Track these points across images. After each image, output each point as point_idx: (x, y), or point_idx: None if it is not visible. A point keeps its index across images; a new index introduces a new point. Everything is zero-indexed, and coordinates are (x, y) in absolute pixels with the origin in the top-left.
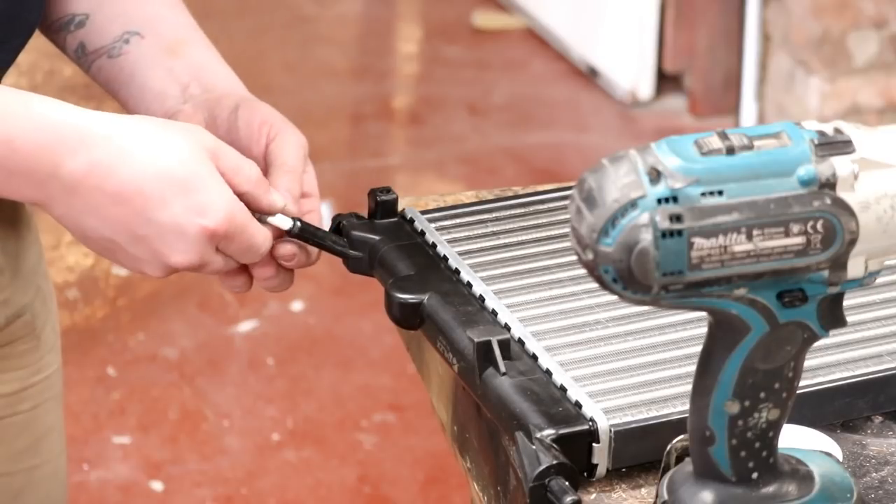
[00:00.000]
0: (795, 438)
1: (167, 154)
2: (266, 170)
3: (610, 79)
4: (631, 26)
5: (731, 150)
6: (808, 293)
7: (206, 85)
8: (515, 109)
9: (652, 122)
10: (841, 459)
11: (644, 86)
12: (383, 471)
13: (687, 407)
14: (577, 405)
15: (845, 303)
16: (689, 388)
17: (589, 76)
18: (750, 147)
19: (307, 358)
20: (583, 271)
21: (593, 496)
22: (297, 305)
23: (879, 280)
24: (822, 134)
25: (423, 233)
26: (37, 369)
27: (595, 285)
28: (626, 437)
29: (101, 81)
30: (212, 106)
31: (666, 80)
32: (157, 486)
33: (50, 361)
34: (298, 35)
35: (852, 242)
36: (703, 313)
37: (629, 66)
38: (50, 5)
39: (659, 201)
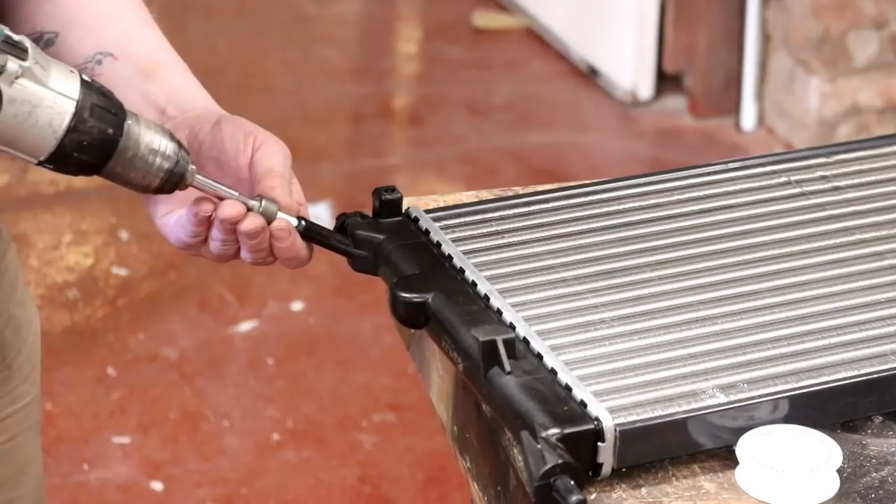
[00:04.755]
0: (796, 438)
1: None
2: (252, 178)
3: (610, 79)
4: (631, 26)
5: None
6: None
7: (183, 106)
8: (515, 109)
9: (652, 122)
10: (841, 459)
11: (644, 86)
12: (383, 471)
13: (692, 406)
14: (583, 404)
15: (848, 302)
16: (694, 387)
17: (589, 76)
18: None
19: (307, 358)
20: (588, 271)
21: (594, 496)
22: (297, 305)
23: (883, 279)
24: (8, 37)
25: (427, 232)
26: (10, 400)
27: (600, 285)
28: (631, 437)
29: None
30: (192, 124)
31: (666, 80)
32: (157, 486)
33: (24, 392)
34: (298, 35)
35: None
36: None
37: (629, 66)
38: (17, 21)
39: None
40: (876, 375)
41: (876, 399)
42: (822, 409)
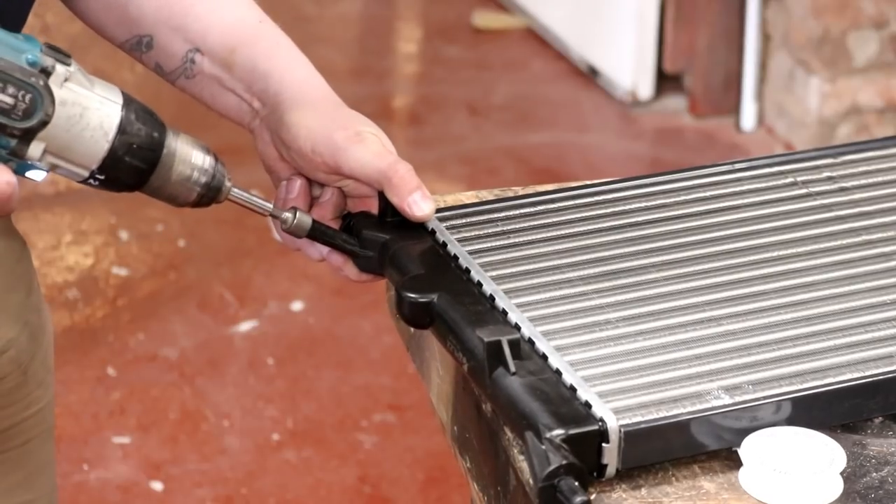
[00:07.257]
0: (800, 441)
1: None
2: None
3: (610, 79)
4: (631, 26)
5: None
6: None
7: (259, 95)
8: (515, 109)
9: (652, 122)
10: (845, 462)
11: (644, 86)
12: (383, 471)
13: (697, 408)
14: (587, 405)
15: (855, 303)
16: (700, 388)
17: (589, 76)
18: None
19: (307, 358)
20: (593, 271)
21: (593, 496)
22: (297, 305)
23: (890, 281)
24: (49, 43)
25: (433, 232)
26: (25, 405)
27: (605, 285)
28: (635, 438)
29: (192, 96)
30: (266, 124)
31: (666, 80)
32: (157, 486)
33: (39, 396)
34: (298, 35)
35: (44, 124)
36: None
37: (629, 66)
38: (114, 27)
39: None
40: (882, 377)
41: (881, 401)
42: (827, 410)
